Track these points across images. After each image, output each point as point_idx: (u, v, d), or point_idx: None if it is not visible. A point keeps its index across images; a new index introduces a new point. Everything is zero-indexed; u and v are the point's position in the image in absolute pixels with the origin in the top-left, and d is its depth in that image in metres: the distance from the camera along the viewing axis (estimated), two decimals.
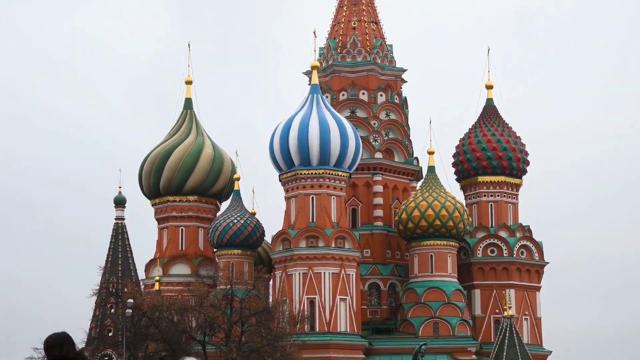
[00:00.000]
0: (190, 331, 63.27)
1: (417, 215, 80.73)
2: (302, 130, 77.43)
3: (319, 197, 78.67)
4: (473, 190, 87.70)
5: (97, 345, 72.78)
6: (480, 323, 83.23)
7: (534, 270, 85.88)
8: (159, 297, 68.07)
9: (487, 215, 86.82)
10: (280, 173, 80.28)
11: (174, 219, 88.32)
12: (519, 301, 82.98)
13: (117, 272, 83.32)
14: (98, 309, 78.53)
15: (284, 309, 70.94)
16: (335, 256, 77.37)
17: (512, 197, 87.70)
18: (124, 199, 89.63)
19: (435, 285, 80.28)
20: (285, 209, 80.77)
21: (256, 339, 61.11)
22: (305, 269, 76.99)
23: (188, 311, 64.47)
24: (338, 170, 78.55)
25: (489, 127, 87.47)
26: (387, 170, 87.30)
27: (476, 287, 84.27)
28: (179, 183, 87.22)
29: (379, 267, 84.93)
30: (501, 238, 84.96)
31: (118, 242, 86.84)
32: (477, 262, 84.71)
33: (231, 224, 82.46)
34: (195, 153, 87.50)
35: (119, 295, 72.33)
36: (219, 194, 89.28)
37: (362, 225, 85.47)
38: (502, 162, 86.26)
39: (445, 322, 79.14)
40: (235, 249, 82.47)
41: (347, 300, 77.20)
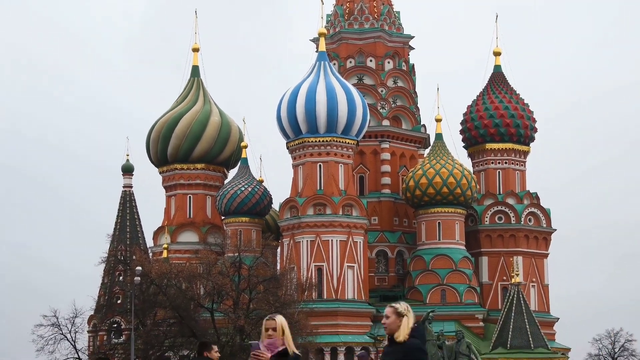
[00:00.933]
0: (198, 298, 63.42)
1: (425, 182, 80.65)
2: (309, 98, 77.24)
3: (327, 164, 78.62)
4: (480, 157, 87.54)
5: (105, 312, 73.06)
6: (488, 290, 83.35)
7: (541, 237, 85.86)
8: (167, 264, 68.24)
9: (495, 183, 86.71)
10: (287, 141, 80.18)
11: (182, 186, 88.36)
12: (526, 268, 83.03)
13: (125, 239, 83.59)
14: (107, 277, 78.83)
15: (292, 276, 71.08)
16: (343, 224, 77.42)
17: (520, 164, 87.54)
18: (131, 167, 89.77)
19: (442, 253, 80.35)
20: (292, 177, 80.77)
21: (264, 306, 61.20)
22: (313, 236, 77.08)
23: (196, 279, 64.60)
24: (345, 137, 78.42)
25: (497, 94, 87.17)
26: (394, 138, 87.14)
27: (484, 255, 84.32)
28: (186, 151, 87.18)
29: (387, 234, 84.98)
30: (509, 205, 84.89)
31: (126, 210, 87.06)
32: (485, 230, 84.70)
33: (239, 192, 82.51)
34: (203, 121, 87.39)
35: (127, 262, 72.51)
36: (226, 162, 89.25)
37: (369, 193, 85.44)
38: (509, 129, 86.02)
39: (453, 289, 79.27)
40: (242, 217, 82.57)
41: (355, 267, 77.34)
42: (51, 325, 59.31)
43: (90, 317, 74.34)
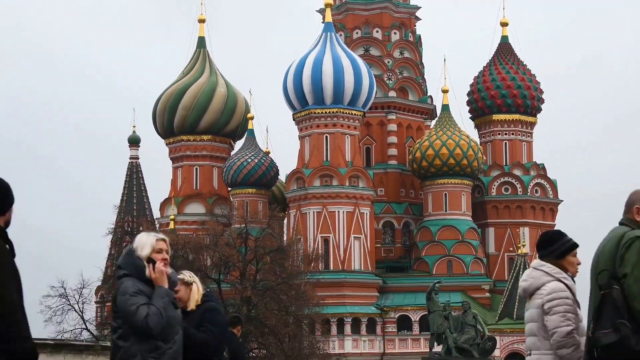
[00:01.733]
0: (205, 269, 63.51)
1: (431, 153, 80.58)
2: (315, 69, 77.09)
3: (333, 136, 78.57)
4: (487, 128, 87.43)
5: (113, 283, 73.29)
6: (494, 261, 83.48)
7: (548, 208, 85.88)
8: (173, 235, 68.32)
9: (502, 154, 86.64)
10: (293, 112, 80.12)
11: (188, 158, 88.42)
12: (533, 239, 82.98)
13: (132, 211, 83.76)
14: (114, 248, 79.05)
15: (298, 247, 71.17)
16: (349, 195, 77.47)
17: (527, 136, 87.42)
18: (138, 138, 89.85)
19: (449, 224, 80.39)
20: (299, 148, 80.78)
21: (271, 277, 61.34)
22: (320, 207, 77.17)
23: (203, 250, 64.67)
24: (352, 109, 78.32)
25: (504, 65, 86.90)
26: (401, 109, 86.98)
27: (490, 226, 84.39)
28: (192, 122, 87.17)
29: (393, 205, 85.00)
30: (515, 176, 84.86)
31: (133, 182, 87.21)
32: (491, 201, 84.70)
33: (245, 163, 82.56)
34: (209, 92, 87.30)
35: (134, 234, 72.59)
36: (233, 133, 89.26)
37: (376, 164, 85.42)
38: (516, 100, 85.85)
39: (459, 260, 79.39)
40: (249, 188, 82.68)
41: (361, 238, 77.47)
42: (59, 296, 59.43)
43: (98, 288, 74.63)
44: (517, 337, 73.00)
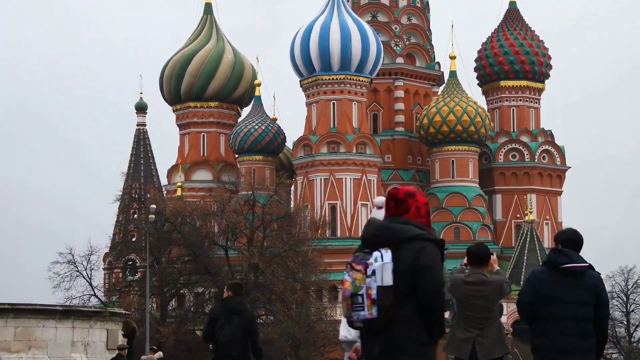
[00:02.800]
0: (212, 236, 63.66)
1: (439, 120, 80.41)
2: (322, 35, 76.81)
3: (340, 102, 78.43)
4: (495, 95, 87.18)
5: (120, 250, 73.52)
6: (501, 228, 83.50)
7: (555, 175, 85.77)
8: (181, 202, 68.42)
9: (509, 120, 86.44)
10: (301, 79, 79.93)
11: (195, 124, 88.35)
12: (540, 206, 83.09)
13: (139, 178, 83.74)
14: (121, 215, 79.13)
15: (305, 214, 71.26)
16: (357, 162, 77.44)
17: (534, 102, 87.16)
18: (145, 105, 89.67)
19: (456, 191, 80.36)
20: (306, 115, 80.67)
21: (278, 244, 61.44)
22: (327, 174, 77.18)
23: (210, 217, 64.77)
24: (359, 75, 78.11)
25: (512, 31, 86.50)
26: (408, 76, 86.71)
27: (497, 192, 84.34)
28: (199, 89, 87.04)
29: (400, 172, 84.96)
30: (523, 143, 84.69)
31: (140, 148, 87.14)
32: (499, 167, 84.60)
33: (252, 130, 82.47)
34: (216, 58, 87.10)
35: (141, 200, 72.71)
36: (239, 100, 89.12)
37: (383, 131, 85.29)
38: (524, 67, 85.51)
39: (466, 227, 79.42)
40: (256, 155, 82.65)
41: (368, 205, 77.45)
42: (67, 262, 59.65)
43: (106, 255, 74.81)
44: None
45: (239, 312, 12.90)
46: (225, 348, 12.83)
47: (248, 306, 13.22)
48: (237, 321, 12.78)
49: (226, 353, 12.85)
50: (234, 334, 12.72)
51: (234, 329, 12.74)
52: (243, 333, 12.76)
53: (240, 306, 13.07)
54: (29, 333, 19.86)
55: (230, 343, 12.77)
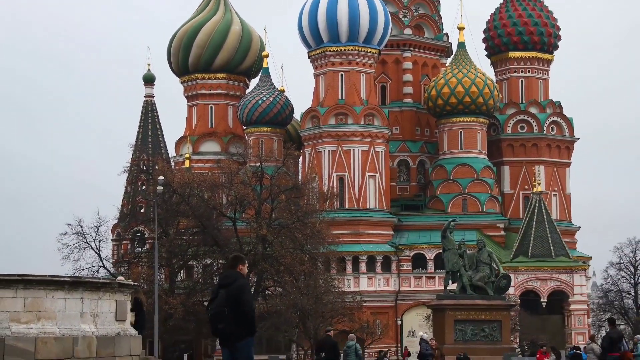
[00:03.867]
0: (220, 208, 63.71)
1: (447, 91, 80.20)
2: (330, 6, 76.52)
3: (348, 74, 78.23)
4: (503, 66, 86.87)
5: (129, 221, 73.66)
6: (509, 199, 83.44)
7: (564, 146, 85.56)
8: (189, 174, 68.46)
9: (518, 91, 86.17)
10: (309, 50, 79.71)
11: (203, 96, 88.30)
12: (548, 177, 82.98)
13: (147, 149, 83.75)
14: (129, 186, 79.23)
15: (314, 186, 71.27)
16: (365, 133, 77.34)
17: (543, 73, 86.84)
18: (153, 77, 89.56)
19: (464, 162, 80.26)
20: (314, 86, 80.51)
21: (286, 216, 61.47)
22: (335, 146, 77.11)
23: (218, 188, 64.79)
24: (367, 46, 77.85)
25: (520, 2, 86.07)
26: (416, 47, 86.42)
27: (505, 164, 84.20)
28: (207, 60, 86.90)
29: (408, 144, 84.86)
30: (531, 114, 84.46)
31: (148, 120, 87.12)
32: (507, 139, 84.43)
33: (260, 102, 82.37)
34: (224, 30, 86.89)
35: (149, 172, 72.72)
36: (247, 72, 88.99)
37: (391, 102, 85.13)
38: (533, 37, 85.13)
39: (474, 199, 79.37)
40: (264, 127, 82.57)
41: (376, 177, 77.48)
42: (75, 233, 59.67)
43: (114, 226, 74.93)
44: (532, 275, 73.32)
45: (225, 285, 12.85)
46: (213, 321, 12.85)
47: (240, 278, 13.03)
48: (223, 294, 12.74)
49: (213, 326, 12.86)
50: (219, 306, 12.70)
51: (220, 302, 12.72)
52: (230, 305, 12.67)
53: (227, 279, 12.98)
54: (38, 304, 19.95)
55: (215, 316, 12.77)
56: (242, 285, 12.87)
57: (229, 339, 12.83)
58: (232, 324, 12.69)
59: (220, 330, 12.75)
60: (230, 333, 12.73)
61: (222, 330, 12.71)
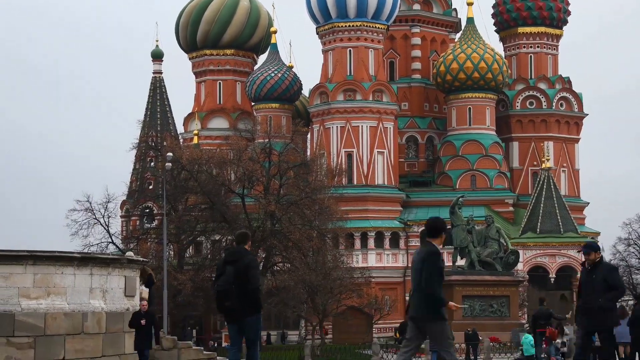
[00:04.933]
0: (229, 184, 63.78)
1: (456, 67, 79.97)
2: None
3: (357, 49, 78.03)
4: (512, 41, 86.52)
5: (137, 197, 73.74)
6: (518, 175, 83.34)
7: (573, 122, 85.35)
8: (197, 150, 68.50)
9: (527, 67, 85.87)
10: (317, 26, 79.49)
11: (212, 72, 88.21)
12: (557, 153, 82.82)
13: (156, 126, 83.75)
14: (138, 163, 79.29)
15: (322, 162, 71.26)
16: (373, 109, 77.22)
17: (552, 48, 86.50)
18: (161, 53, 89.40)
19: (473, 138, 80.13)
20: (322, 62, 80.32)
21: (294, 192, 61.51)
22: (343, 122, 77.02)
23: (227, 164, 64.82)
24: (376, 22, 77.59)
25: None
26: (425, 22, 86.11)
27: (514, 140, 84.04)
28: (215, 36, 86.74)
29: (417, 120, 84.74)
30: (540, 90, 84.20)
31: (156, 96, 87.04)
32: (516, 115, 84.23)
33: (268, 78, 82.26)
34: (232, 5, 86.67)
35: (158, 148, 72.78)
36: (255, 48, 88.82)
37: (400, 78, 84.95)
38: (542, 12, 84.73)
39: (483, 175, 79.30)
40: (272, 103, 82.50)
41: (385, 153, 77.42)
42: (84, 210, 59.83)
43: (123, 202, 75.04)
44: (540, 251, 73.31)
45: (232, 261, 12.85)
46: (219, 298, 12.86)
47: (248, 255, 13.07)
48: (231, 271, 12.73)
49: (220, 303, 12.87)
50: (226, 283, 12.69)
51: (227, 279, 12.71)
52: (237, 282, 12.67)
53: (235, 255, 12.99)
54: (47, 280, 20.02)
55: (222, 293, 12.78)
56: (251, 262, 12.87)
57: (235, 316, 12.85)
58: (239, 300, 12.69)
59: (227, 308, 12.79)
60: (237, 310, 12.74)
61: (229, 307, 12.74)
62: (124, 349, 21.50)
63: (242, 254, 12.97)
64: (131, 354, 21.82)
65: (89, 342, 20.39)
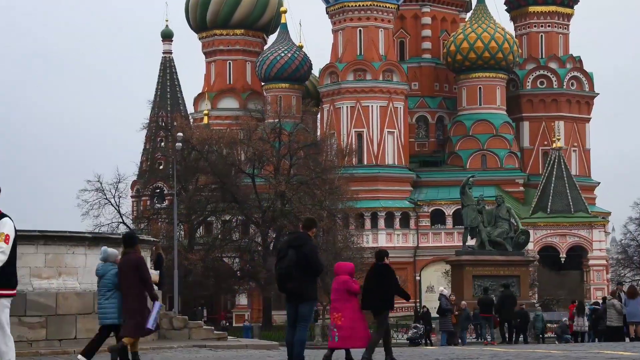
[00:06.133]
0: (239, 164, 63.81)
1: (466, 47, 79.73)
2: None
3: (367, 29, 77.83)
4: (523, 20, 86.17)
5: (148, 178, 73.82)
6: (529, 155, 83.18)
7: (583, 101, 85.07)
8: (207, 130, 68.50)
9: (537, 46, 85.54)
10: (327, 5, 79.29)
11: (222, 52, 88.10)
12: (567, 133, 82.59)
13: (166, 106, 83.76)
14: (148, 143, 79.33)
15: (332, 142, 71.23)
16: (383, 89, 77.09)
17: (563, 28, 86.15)
18: (171, 33, 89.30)
19: (483, 118, 79.97)
20: (332, 42, 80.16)
21: (304, 172, 61.50)
22: (353, 102, 76.92)
23: (237, 145, 64.83)
24: (386, 1, 77.39)
25: None
26: (435, 2, 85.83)
27: (525, 119, 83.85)
28: (225, 16, 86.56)
29: (427, 99, 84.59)
30: (551, 69, 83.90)
31: (166, 76, 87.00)
32: (526, 94, 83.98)
33: (278, 58, 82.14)
34: None
35: (168, 129, 72.77)
36: (265, 27, 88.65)
37: (410, 58, 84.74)
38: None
39: (493, 155, 79.19)
40: (282, 83, 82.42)
41: (395, 133, 77.34)
42: (95, 190, 59.85)
43: (134, 183, 75.11)
44: (551, 231, 73.26)
45: (295, 246, 13.20)
46: (280, 280, 13.32)
47: (310, 241, 13.43)
48: (293, 255, 13.06)
49: (281, 284, 13.34)
50: (288, 266, 13.08)
51: (289, 263, 13.07)
52: (298, 267, 13.06)
53: (298, 240, 13.35)
54: (59, 259, 20.10)
55: (283, 276, 13.20)
56: (312, 249, 13.30)
57: (295, 298, 13.29)
58: (299, 284, 13.15)
59: (288, 289, 13.19)
60: (297, 293, 13.18)
61: (291, 289, 13.13)
62: None
63: (305, 239, 13.36)
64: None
65: None
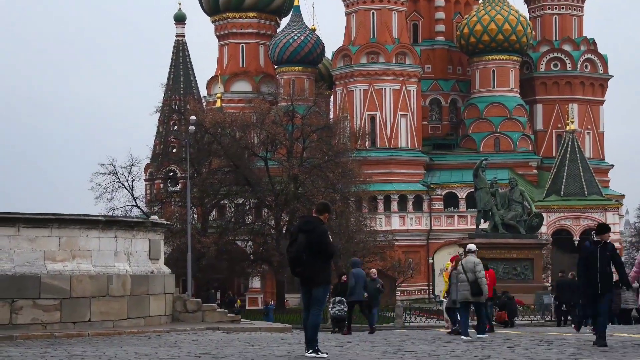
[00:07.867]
0: (252, 147, 63.75)
1: (480, 29, 79.46)
2: None
3: (380, 12, 77.63)
4: (537, 3, 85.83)
5: (161, 161, 73.91)
6: (542, 138, 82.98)
7: (597, 84, 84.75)
8: (220, 113, 68.46)
9: (551, 29, 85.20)
10: None
11: (234, 35, 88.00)
12: (581, 115, 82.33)
13: (179, 89, 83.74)
14: (161, 126, 79.39)
15: (345, 125, 71.10)
16: (396, 72, 76.92)
17: (577, 10, 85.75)
18: (184, 16, 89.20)
19: (497, 101, 79.76)
20: (345, 25, 80.00)
21: (317, 155, 61.39)
22: (366, 85, 76.82)
23: (250, 128, 64.76)
24: None
25: None
26: None
27: (538, 102, 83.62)
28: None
29: (440, 82, 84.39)
30: (565, 52, 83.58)
31: (179, 60, 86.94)
32: (540, 77, 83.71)
33: (291, 41, 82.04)
34: None
35: (181, 112, 72.77)
36: (278, 10, 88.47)
37: (423, 41, 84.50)
38: None
39: (507, 137, 79.02)
40: (295, 66, 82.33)
41: (408, 116, 77.22)
42: (109, 173, 59.86)
43: (147, 166, 75.22)
44: (564, 214, 73.11)
45: (306, 230, 13.23)
46: (291, 264, 13.37)
47: (321, 226, 13.40)
48: (303, 239, 13.12)
49: (292, 269, 13.41)
50: (298, 251, 13.14)
51: (298, 247, 13.13)
52: (309, 251, 13.09)
53: (308, 225, 13.36)
54: (73, 243, 20.17)
55: (294, 259, 13.26)
56: (323, 233, 13.28)
57: (307, 282, 13.39)
58: (310, 269, 13.20)
59: (298, 273, 13.29)
60: (308, 277, 13.27)
61: (301, 273, 13.23)
62: (148, 311, 21.69)
63: (316, 224, 13.34)
64: (156, 316, 22.01)
65: (114, 305, 20.58)
